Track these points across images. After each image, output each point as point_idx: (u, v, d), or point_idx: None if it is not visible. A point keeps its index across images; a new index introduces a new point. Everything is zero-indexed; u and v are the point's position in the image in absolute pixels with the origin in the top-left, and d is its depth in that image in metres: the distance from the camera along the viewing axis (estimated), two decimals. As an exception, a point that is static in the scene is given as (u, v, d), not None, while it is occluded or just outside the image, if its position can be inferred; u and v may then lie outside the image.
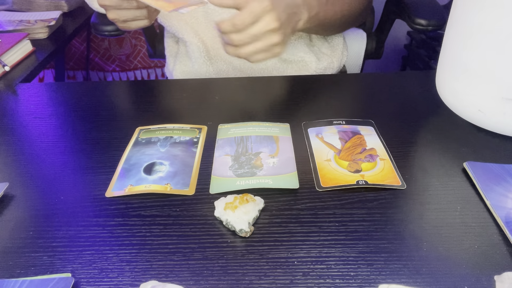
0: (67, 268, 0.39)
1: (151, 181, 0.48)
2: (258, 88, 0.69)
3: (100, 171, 0.51)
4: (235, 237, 0.41)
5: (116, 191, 0.47)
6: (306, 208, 0.44)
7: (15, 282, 0.36)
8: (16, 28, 1.00)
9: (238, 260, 0.39)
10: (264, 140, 0.54)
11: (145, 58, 1.80)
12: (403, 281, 0.36)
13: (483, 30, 0.48)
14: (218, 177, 0.48)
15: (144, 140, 0.56)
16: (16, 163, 0.53)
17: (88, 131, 0.59)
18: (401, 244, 0.40)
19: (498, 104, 0.50)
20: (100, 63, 1.80)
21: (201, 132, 0.57)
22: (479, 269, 0.37)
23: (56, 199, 0.47)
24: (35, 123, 0.61)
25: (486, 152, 0.51)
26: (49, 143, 0.57)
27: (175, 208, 0.45)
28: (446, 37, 0.55)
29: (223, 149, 0.53)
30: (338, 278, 0.37)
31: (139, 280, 0.37)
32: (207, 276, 0.37)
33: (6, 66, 0.79)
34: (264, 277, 0.37)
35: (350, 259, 0.38)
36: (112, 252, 0.40)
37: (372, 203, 0.44)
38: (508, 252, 0.39)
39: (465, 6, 0.50)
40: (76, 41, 1.71)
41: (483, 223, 0.42)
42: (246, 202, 0.42)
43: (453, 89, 0.55)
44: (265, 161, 0.50)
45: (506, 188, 0.45)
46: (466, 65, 0.51)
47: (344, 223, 0.42)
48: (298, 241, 0.40)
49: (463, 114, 0.55)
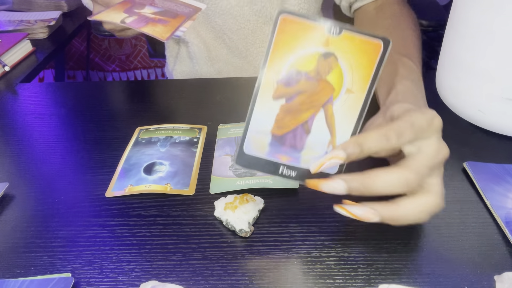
0: (67, 268, 0.39)
1: (151, 181, 0.48)
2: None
3: (100, 171, 0.51)
4: (235, 237, 0.41)
5: (116, 191, 0.47)
6: (306, 208, 0.44)
7: (15, 282, 0.36)
8: (16, 28, 1.00)
9: (238, 260, 0.39)
10: (264, 140, 0.54)
11: (145, 58, 1.80)
12: (403, 281, 0.36)
13: (483, 30, 0.48)
14: (218, 177, 0.48)
15: (144, 140, 0.56)
16: (16, 163, 0.53)
17: (88, 131, 0.59)
18: (401, 244, 0.40)
19: (498, 104, 0.50)
20: (100, 63, 1.81)
21: (201, 132, 0.57)
22: (479, 269, 0.37)
23: (56, 199, 0.47)
24: (35, 123, 0.61)
25: (486, 152, 0.51)
26: (49, 143, 0.57)
27: (175, 208, 0.45)
28: (446, 37, 0.55)
29: (223, 149, 0.53)
30: (338, 278, 0.37)
31: (139, 280, 0.37)
32: (207, 276, 0.37)
33: (6, 66, 0.79)
34: (264, 277, 0.37)
35: (350, 259, 0.39)
36: (112, 252, 0.40)
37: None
38: (508, 252, 0.39)
39: (465, 6, 0.50)
40: (76, 41, 1.71)
41: (483, 223, 0.42)
42: (246, 202, 0.42)
43: (453, 89, 0.55)
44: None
45: (506, 188, 0.45)
46: (466, 65, 0.51)
47: (344, 223, 0.42)
48: (298, 241, 0.40)
49: (463, 114, 0.55)
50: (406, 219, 0.35)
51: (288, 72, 0.36)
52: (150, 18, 0.58)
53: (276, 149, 0.39)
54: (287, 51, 0.36)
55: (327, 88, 0.37)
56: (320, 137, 0.38)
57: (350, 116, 0.37)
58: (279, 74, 0.36)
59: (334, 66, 0.36)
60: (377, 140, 0.35)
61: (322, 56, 0.36)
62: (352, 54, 0.35)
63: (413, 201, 0.35)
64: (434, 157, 0.35)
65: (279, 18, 0.35)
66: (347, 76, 0.36)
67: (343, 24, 0.34)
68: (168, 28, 0.56)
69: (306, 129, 0.38)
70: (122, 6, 0.60)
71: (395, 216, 0.35)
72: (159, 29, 0.55)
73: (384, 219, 0.35)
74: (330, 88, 0.37)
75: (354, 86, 0.37)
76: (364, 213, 0.36)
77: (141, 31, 0.55)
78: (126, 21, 0.56)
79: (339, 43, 0.35)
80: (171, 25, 0.57)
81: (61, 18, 1.11)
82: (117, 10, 0.58)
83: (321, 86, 0.37)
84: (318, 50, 0.35)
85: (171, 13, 0.61)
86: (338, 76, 0.36)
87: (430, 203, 0.35)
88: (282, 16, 0.34)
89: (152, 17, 0.58)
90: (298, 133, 0.38)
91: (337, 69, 0.36)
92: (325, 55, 0.36)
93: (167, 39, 0.54)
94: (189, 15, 0.61)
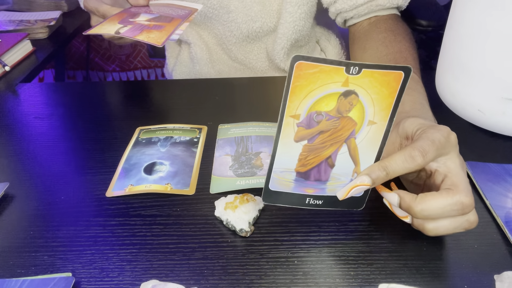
0: (67, 267, 0.39)
1: (151, 181, 0.48)
2: (258, 88, 0.70)
3: (101, 171, 0.51)
4: (236, 236, 0.41)
5: (117, 191, 0.47)
6: (306, 208, 0.44)
7: (15, 281, 0.36)
8: (16, 28, 1.00)
9: (238, 260, 0.39)
10: (264, 140, 0.54)
11: (145, 58, 1.80)
12: (403, 281, 0.36)
13: (483, 30, 0.48)
14: (218, 177, 0.48)
15: (144, 140, 0.56)
16: (16, 163, 0.53)
17: (88, 131, 0.59)
18: (401, 244, 0.40)
19: (498, 104, 0.50)
20: (100, 63, 1.80)
21: (201, 132, 0.57)
22: (478, 268, 0.37)
23: (56, 199, 0.47)
24: (35, 123, 0.62)
25: (486, 152, 0.51)
26: (49, 143, 0.57)
27: (176, 208, 0.45)
28: (446, 37, 0.56)
29: (223, 149, 0.53)
30: (338, 278, 0.37)
31: (139, 279, 0.37)
32: (208, 275, 0.37)
33: (6, 66, 0.79)
34: (264, 276, 0.37)
35: (350, 258, 0.39)
36: (112, 251, 0.40)
37: (372, 203, 0.44)
38: (507, 251, 0.39)
39: (465, 7, 0.50)
40: (76, 41, 1.71)
41: (483, 222, 0.42)
42: (246, 202, 0.42)
43: (453, 89, 0.55)
44: (265, 161, 0.50)
45: (505, 188, 0.45)
46: (465, 65, 0.51)
47: (344, 223, 0.42)
48: (298, 241, 0.40)
49: (462, 114, 0.55)
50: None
51: (308, 114, 0.36)
52: (144, 25, 0.59)
53: (301, 184, 0.39)
54: (306, 95, 0.35)
55: (349, 124, 0.37)
56: (345, 168, 0.38)
57: (373, 145, 0.38)
58: (299, 118, 0.36)
59: (355, 103, 0.36)
60: (402, 162, 0.35)
61: (342, 95, 0.35)
62: (373, 88, 0.35)
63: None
64: (463, 171, 0.37)
65: (294, 65, 0.33)
66: (368, 109, 0.36)
67: (362, 63, 0.34)
68: (163, 33, 0.56)
69: (330, 164, 0.38)
70: (118, 17, 0.60)
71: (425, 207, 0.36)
72: (154, 35, 0.56)
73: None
74: (352, 124, 0.37)
75: (376, 117, 0.36)
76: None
77: (136, 39, 0.56)
78: (120, 32, 0.57)
79: (359, 80, 0.34)
80: (166, 30, 0.57)
81: (61, 18, 1.11)
82: (112, 22, 0.59)
83: (343, 123, 0.37)
84: (338, 90, 0.35)
85: (166, 17, 0.62)
86: (359, 111, 0.36)
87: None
88: (298, 62, 0.33)
89: (146, 24, 0.59)
90: (322, 168, 0.39)
91: (358, 105, 0.36)
92: (345, 94, 0.35)
93: (163, 44, 0.55)
94: (185, 17, 0.61)
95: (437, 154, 0.36)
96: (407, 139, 0.40)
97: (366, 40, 0.63)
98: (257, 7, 0.72)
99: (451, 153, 0.37)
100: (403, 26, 0.65)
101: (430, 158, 0.36)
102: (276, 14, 0.73)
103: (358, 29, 0.67)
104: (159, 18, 0.61)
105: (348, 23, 0.69)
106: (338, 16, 0.69)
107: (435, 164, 0.37)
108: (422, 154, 0.35)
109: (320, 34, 0.83)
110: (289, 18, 0.71)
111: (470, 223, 0.36)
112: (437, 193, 0.35)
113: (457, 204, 0.34)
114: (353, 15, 0.66)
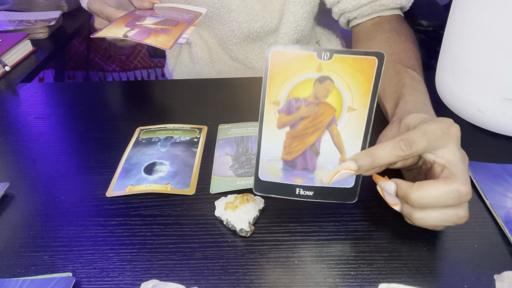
0: (68, 267, 0.39)
1: (151, 181, 0.48)
2: (258, 88, 0.69)
3: (101, 171, 0.51)
4: (236, 236, 0.41)
5: (117, 191, 0.47)
6: (306, 208, 0.44)
7: (16, 281, 0.36)
8: (16, 28, 1.00)
9: (238, 260, 0.39)
10: (264, 140, 0.54)
11: (145, 58, 1.80)
12: (403, 280, 0.36)
13: (483, 30, 0.48)
14: (219, 177, 0.48)
15: (144, 140, 0.56)
16: (16, 163, 0.53)
17: (88, 131, 0.59)
18: (401, 244, 0.40)
19: (498, 104, 0.50)
20: (100, 63, 1.81)
21: (201, 132, 0.57)
22: (478, 268, 0.37)
23: (56, 199, 0.47)
24: (35, 123, 0.62)
25: (486, 152, 0.51)
26: (49, 143, 0.57)
27: (176, 208, 0.45)
28: (446, 37, 0.56)
29: (224, 149, 0.53)
30: (339, 278, 0.37)
31: (139, 279, 0.37)
32: (208, 275, 0.37)
33: (6, 66, 0.79)
34: (264, 276, 0.37)
35: (350, 258, 0.39)
36: (112, 251, 0.40)
37: (372, 203, 0.44)
38: (507, 251, 0.39)
39: (465, 6, 0.50)
40: (76, 41, 1.71)
41: (483, 222, 0.42)
42: (247, 202, 0.42)
43: (453, 89, 0.55)
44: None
45: (505, 188, 0.45)
46: (465, 65, 0.51)
47: (344, 223, 0.42)
48: (298, 241, 0.40)
49: (462, 114, 0.55)
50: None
51: (287, 101, 0.38)
52: (152, 29, 0.59)
53: (290, 173, 0.40)
54: (283, 82, 0.37)
55: (328, 109, 0.38)
56: (330, 156, 0.39)
57: (357, 132, 0.38)
58: (279, 105, 0.38)
59: (331, 88, 0.37)
60: (389, 150, 0.36)
61: (317, 81, 0.37)
62: (347, 74, 0.37)
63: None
64: (463, 164, 0.36)
65: (270, 53, 0.36)
66: (345, 95, 0.37)
67: (333, 49, 0.36)
68: (170, 37, 0.57)
69: (314, 151, 0.39)
70: (124, 20, 0.60)
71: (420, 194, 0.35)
72: (162, 39, 0.56)
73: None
74: (331, 109, 0.38)
75: (355, 103, 0.37)
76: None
77: (145, 43, 0.56)
78: (128, 35, 0.57)
79: (332, 66, 0.36)
80: (173, 34, 0.58)
81: (61, 18, 1.11)
82: (118, 25, 0.59)
83: (322, 109, 0.38)
84: (312, 76, 0.37)
85: (172, 21, 0.62)
86: (337, 97, 0.37)
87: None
88: (272, 50, 0.36)
89: (154, 28, 0.59)
90: (308, 156, 0.40)
91: (335, 91, 0.37)
92: (320, 79, 0.37)
93: (171, 47, 0.55)
94: (190, 21, 0.61)
95: (428, 145, 0.36)
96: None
97: (370, 40, 0.63)
98: (259, 6, 0.72)
99: (450, 145, 0.37)
100: (407, 27, 0.65)
101: (417, 148, 0.36)
102: (278, 14, 0.73)
103: (362, 30, 0.67)
104: (165, 21, 0.62)
105: (351, 23, 0.69)
106: (342, 17, 0.69)
107: (432, 156, 0.37)
108: (408, 144, 0.35)
109: (320, 35, 0.83)
110: (292, 18, 0.71)
111: (459, 218, 0.35)
112: (434, 181, 0.35)
113: (453, 192, 0.34)
114: (356, 15, 0.66)
